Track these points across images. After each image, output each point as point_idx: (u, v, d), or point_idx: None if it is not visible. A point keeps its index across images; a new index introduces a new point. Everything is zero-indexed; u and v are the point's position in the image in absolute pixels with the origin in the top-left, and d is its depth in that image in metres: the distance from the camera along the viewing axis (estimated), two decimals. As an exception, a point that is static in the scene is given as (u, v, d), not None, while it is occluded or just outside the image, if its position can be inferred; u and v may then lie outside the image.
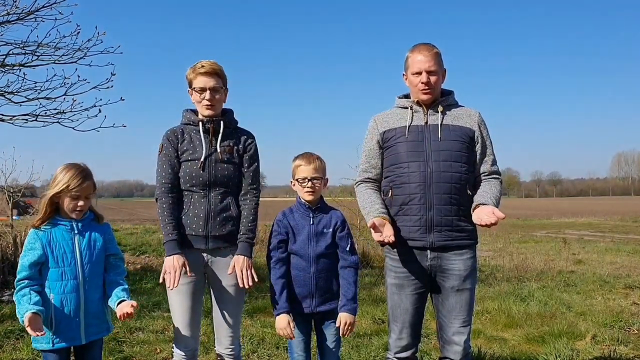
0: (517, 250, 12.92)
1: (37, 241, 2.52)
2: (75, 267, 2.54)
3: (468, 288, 2.74)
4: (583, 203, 61.19)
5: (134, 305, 2.51)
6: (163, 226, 2.79)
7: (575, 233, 19.57)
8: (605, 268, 9.62)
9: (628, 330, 5.13)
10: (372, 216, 2.67)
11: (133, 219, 27.49)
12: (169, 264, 2.69)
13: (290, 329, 2.72)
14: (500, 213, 2.54)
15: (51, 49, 6.16)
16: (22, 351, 4.20)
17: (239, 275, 2.74)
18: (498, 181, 2.82)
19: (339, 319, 2.79)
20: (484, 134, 2.83)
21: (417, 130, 2.79)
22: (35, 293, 2.46)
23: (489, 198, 2.68)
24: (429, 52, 2.76)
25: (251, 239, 2.84)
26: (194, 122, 2.88)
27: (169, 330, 4.88)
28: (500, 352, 4.41)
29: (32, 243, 2.52)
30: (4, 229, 8.35)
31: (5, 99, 6.15)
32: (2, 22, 5.96)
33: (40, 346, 2.54)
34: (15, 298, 2.50)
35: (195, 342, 2.87)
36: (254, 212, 2.89)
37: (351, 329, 2.81)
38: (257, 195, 2.94)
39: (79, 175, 2.53)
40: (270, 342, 4.56)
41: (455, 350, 2.74)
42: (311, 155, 2.89)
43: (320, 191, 2.89)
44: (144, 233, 15.06)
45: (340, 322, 2.77)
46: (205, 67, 2.82)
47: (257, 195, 2.94)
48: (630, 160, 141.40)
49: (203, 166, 2.80)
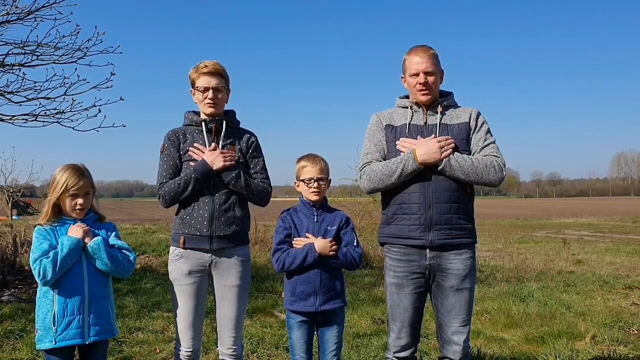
0: (517, 250, 12.94)
1: (43, 236, 2.57)
2: (80, 265, 2.57)
3: (467, 287, 2.74)
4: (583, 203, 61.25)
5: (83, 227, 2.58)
6: (180, 182, 2.78)
7: (574, 233, 19.59)
8: (604, 268, 9.63)
9: (628, 331, 5.13)
10: (405, 156, 2.68)
11: (133, 219, 27.47)
12: (209, 156, 2.77)
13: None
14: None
15: (51, 49, 6.15)
16: (21, 351, 4.20)
17: (219, 152, 2.79)
18: (488, 157, 2.73)
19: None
20: (479, 123, 2.82)
21: (417, 129, 2.80)
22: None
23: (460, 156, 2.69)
24: (425, 53, 2.78)
25: (238, 174, 2.82)
26: (196, 123, 2.90)
27: (169, 330, 4.88)
28: (499, 352, 4.41)
29: (39, 239, 2.56)
30: (4, 228, 8.36)
31: (5, 98, 6.15)
32: (2, 22, 5.96)
33: (43, 345, 2.55)
34: (42, 267, 2.47)
35: (198, 342, 2.88)
36: (258, 185, 2.89)
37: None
38: (269, 184, 2.96)
39: (75, 174, 2.60)
40: (270, 342, 4.56)
41: (454, 349, 2.75)
42: (316, 157, 2.93)
43: (324, 192, 2.95)
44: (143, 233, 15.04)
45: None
46: (209, 67, 2.84)
47: (269, 184, 2.96)
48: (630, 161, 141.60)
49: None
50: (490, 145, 2.79)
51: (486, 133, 2.81)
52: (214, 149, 2.81)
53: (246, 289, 2.93)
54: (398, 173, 2.69)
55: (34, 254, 2.52)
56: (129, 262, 2.67)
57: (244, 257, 2.90)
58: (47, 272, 2.46)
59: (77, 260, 2.56)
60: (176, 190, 2.78)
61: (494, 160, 2.72)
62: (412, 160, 2.66)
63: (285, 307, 2.93)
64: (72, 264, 2.54)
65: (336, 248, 2.83)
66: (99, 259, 2.58)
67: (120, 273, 2.65)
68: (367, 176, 2.79)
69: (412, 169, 2.67)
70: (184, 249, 2.82)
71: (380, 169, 2.74)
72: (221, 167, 2.77)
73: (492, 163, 2.71)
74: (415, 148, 2.69)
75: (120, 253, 2.67)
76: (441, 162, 2.66)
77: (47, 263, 2.46)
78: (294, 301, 2.84)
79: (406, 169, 2.67)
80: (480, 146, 2.78)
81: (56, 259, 2.48)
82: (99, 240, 2.59)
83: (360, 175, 2.88)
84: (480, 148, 2.78)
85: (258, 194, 2.90)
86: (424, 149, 2.66)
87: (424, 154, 2.66)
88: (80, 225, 2.60)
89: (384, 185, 2.75)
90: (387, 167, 2.72)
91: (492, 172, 2.70)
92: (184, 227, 2.82)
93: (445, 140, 2.70)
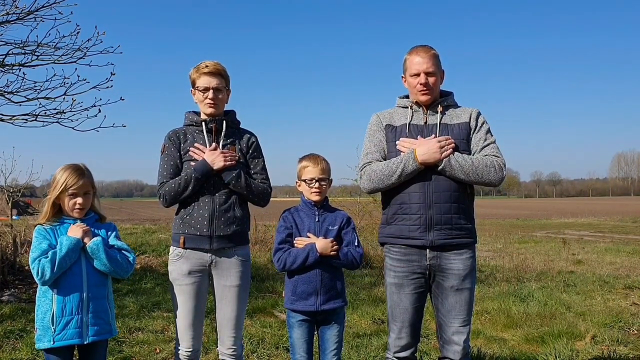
0: (517, 250, 12.94)
1: (43, 235, 2.58)
2: (79, 265, 2.57)
3: (467, 288, 2.74)
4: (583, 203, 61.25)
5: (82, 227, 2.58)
6: (181, 181, 2.78)
7: (574, 233, 19.59)
8: (604, 268, 9.64)
9: (628, 331, 5.13)
10: (405, 156, 2.69)
11: (133, 219, 27.47)
12: (209, 156, 2.76)
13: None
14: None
15: (51, 49, 6.15)
16: (21, 351, 4.20)
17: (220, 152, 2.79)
18: (488, 157, 2.73)
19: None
20: (479, 123, 2.82)
21: (417, 129, 2.80)
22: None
23: (460, 155, 2.69)
24: (426, 53, 2.78)
25: (239, 174, 2.83)
26: (196, 123, 2.90)
27: (169, 330, 4.88)
28: (499, 353, 4.41)
29: (38, 238, 2.57)
30: (4, 228, 8.35)
31: (5, 98, 6.14)
32: (2, 22, 5.96)
33: (42, 345, 2.55)
34: (41, 267, 2.48)
35: (198, 342, 2.88)
36: (259, 186, 2.90)
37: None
38: (269, 185, 2.97)
39: (74, 173, 2.61)
40: (270, 342, 4.56)
41: (454, 350, 2.74)
42: (317, 157, 2.95)
43: (326, 192, 2.96)
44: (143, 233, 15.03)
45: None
46: (209, 67, 2.85)
47: (269, 185, 2.97)
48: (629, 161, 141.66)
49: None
50: (490, 145, 2.78)
51: (486, 133, 2.81)
52: (215, 148, 2.81)
53: (246, 289, 2.93)
54: (398, 173, 2.69)
55: (33, 254, 2.52)
56: (128, 263, 2.67)
57: (244, 257, 2.91)
58: (45, 272, 2.46)
59: (76, 260, 2.56)
60: (176, 190, 2.78)
61: (494, 160, 2.72)
62: (412, 160, 2.66)
63: (285, 306, 2.93)
64: (71, 263, 2.54)
65: (337, 248, 2.83)
66: (97, 259, 2.58)
67: (119, 274, 2.65)
68: (368, 176, 2.79)
69: (412, 169, 2.67)
70: (184, 248, 2.82)
71: (380, 169, 2.74)
72: (221, 166, 2.77)
73: (493, 163, 2.71)
74: (415, 148, 2.69)
75: (120, 254, 2.66)
76: (441, 162, 2.66)
77: (45, 263, 2.47)
78: (294, 300, 2.85)
79: (406, 169, 2.67)
80: (480, 146, 2.78)
81: (55, 258, 2.48)
82: (98, 241, 2.59)
83: (360, 175, 2.87)
84: (480, 148, 2.77)
85: (258, 194, 2.90)
86: (424, 149, 2.66)
87: (424, 154, 2.66)
88: (80, 225, 2.61)
89: (384, 185, 2.75)
90: (388, 167, 2.72)
91: (492, 172, 2.70)
92: (184, 227, 2.82)
93: (446, 140, 2.69)
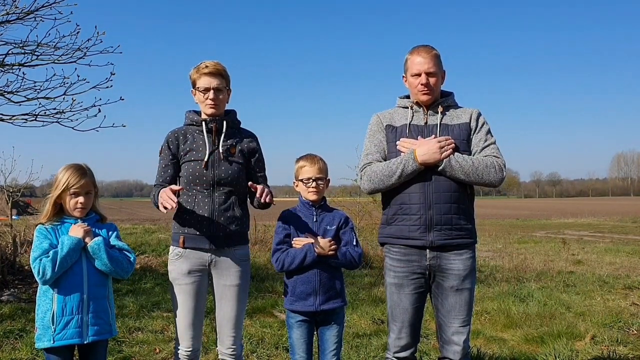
0: (517, 250, 12.94)
1: (44, 235, 2.58)
2: (80, 264, 2.57)
3: (467, 288, 2.74)
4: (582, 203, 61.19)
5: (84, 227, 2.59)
6: (155, 193, 2.76)
7: (574, 233, 19.59)
8: (604, 268, 9.64)
9: (627, 331, 5.13)
10: (405, 156, 2.69)
11: (132, 219, 27.45)
12: (162, 195, 2.60)
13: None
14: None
15: (51, 49, 6.16)
16: (21, 351, 4.20)
17: (261, 191, 2.73)
18: (489, 158, 2.73)
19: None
20: (480, 124, 2.82)
21: (417, 129, 2.80)
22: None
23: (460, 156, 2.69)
24: (427, 53, 2.77)
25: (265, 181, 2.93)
26: (196, 123, 2.90)
27: (169, 330, 4.88)
28: (499, 353, 4.41)
29: (39, 238, 2.57)
30: (4, 228, 8.35)
31: (5, 98, 6.15)
32: (2, 22, 5.96)
33: (42, 344, 2.55)
34: (42, 266, 2.48)
35: (198, 342, 2.88)
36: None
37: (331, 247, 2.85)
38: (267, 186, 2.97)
39: (76, 173, 2.62)
40: (269, 342, 4.56)
41: (454, 350, 2.74)
42: (314, 157, 2.96)
43: (323, 191, 2.96)
44: (143, 233, 15.03)
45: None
46: (209, 67, 2.84)
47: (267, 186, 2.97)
48: (629, 161, 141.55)
49: (206, 165, 2.81)
50: (490, 145, 2.79)
51: (487, 133, 2.81)
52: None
53: (246, 289, 2.93)
54: (398, 173, 2.69)
55: (34, 253, 2.52)
56: (128, 263, 2.67)
57: (244, 257, 2.91)
58: (46, 271, 2.46)
59: (77, 260, 2.56)
60: (154, 201, 2.79)
61: (494, 161, 2.72)
62: (412, 160, 2.66)
63: (285, 306, 2.94)
64: (72, 263, 2.54)
65: (335, 247, 2.83)
66: (98, 259, 2.58)
67: (120, 274, 2.65)
68: (368, 177, 2.79)
69: (412, 170, 2.67)
70: (184, 248, 2.82)
71: (380, 170, 2.74)
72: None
73: (493, 163, 2.71)
74: (415, 148, 2.69)
75: (120, 254, 2.67)
76: (441, 162, 2.66)
77: (46, 262, 2.47)
78: (293, 301, 2.85)
79: (406, 169, 2.67)
80: (480, 147, 2.78)
81: (56, 258, 2.48)
82: (99, 241, 2.59)
83: (360, 175, 2.87)
84: (480, 148, 2.78)
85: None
86: (424, 149, 2.66)
87: (424, 154, 2.66)
88: (81, 225, 2.61)
89: (384, 185, 2.75)
90: (388, 167, 2.72)
91: (492, 173, 2.70)
92: (183, 227, 2.82)
93: (446, 140, 2.70)
